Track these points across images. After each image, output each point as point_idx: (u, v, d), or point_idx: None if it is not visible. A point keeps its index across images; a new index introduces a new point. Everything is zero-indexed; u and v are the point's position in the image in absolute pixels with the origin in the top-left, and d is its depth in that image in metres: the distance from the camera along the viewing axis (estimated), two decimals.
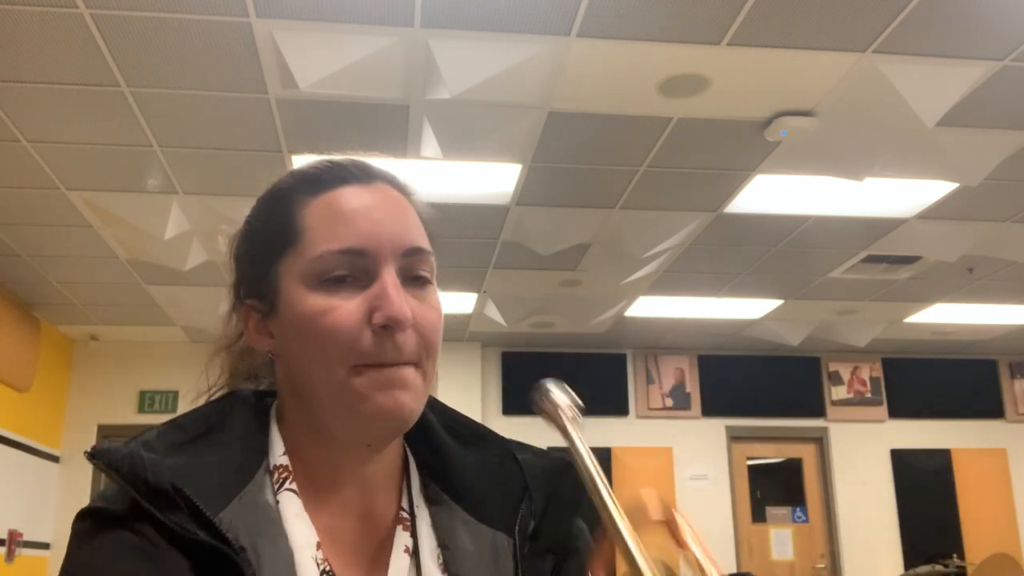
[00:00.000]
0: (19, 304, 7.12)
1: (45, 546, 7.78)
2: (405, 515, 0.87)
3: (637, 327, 8.24)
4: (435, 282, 0.88)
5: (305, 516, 0.82)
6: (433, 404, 0.94)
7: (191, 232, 5.65)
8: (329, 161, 0.91)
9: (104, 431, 8.23)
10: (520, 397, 8.66)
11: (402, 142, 4.56)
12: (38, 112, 4.27)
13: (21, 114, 4.29)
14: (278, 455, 0.84)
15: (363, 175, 0.88)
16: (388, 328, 0.80)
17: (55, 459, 8.00)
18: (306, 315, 0.81)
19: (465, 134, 4.42)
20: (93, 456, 0.79)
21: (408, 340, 0.81)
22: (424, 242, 0.86)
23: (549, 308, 7.58)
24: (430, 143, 4.45)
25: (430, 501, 0.89)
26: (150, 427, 0.83)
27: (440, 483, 0.90)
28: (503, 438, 0.95)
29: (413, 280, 0.84)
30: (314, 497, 0.83)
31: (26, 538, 7.32)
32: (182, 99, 4.17)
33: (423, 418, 0.90)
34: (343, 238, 0.82)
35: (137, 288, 6.88)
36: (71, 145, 4.60)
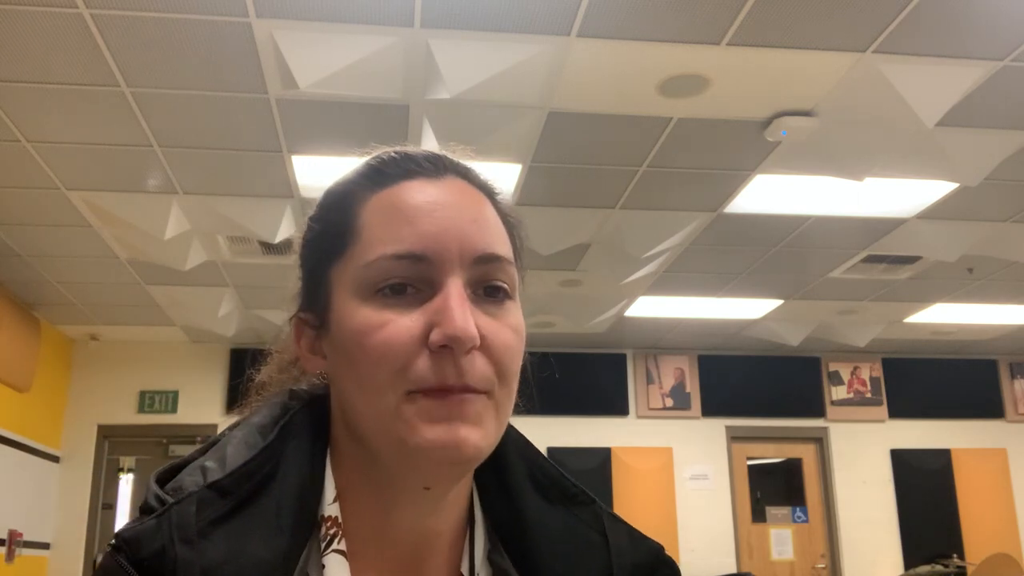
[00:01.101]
0: (19, 304, 7.12)
1: (45, 546, 7.79)
2: None
3: (637, 327, 8.24)
4: (517, 298, 0.74)
5: None
6: (521, 445, 0.82)
7: (191, 232, 5.65)
8: (398, 152, 0.78)
9: (104, 431, 8.24)
10: (520, 397, 8.64)
11: (402, 142, 4.54)
12: (38, 112, 4.27)
13: (21, 114, 4.29)
14: (328, 502, 0.73)
15: (433, 168, 0.76)
16: (447, 349, 0.67)
17: (55, 459, 8.00)
18: (355, 331, 0.69)
19: (465, 134, 4.42)
20: (117, 549, 0.67)
21: (475, 364, 0.68)
22: (501, 247, 0.73)
23: (549, 308, 7.58)
24: (430, 143, 4.44)
25: (496, 574, 0.76)
26: (184, 464, 0.74)
27: (511, 549, 0.77)
28: (594, 501, 0.82)
29: (487, 293, 0.71)
30: (362, 556, 0.73)
31: (26, 538, 7.32)
32: (182, 99, 4.17)
33: (504, 461, 0.79)
34: (402, 240, 0.70)
35: (137, 288, 6.88)
36: (71, 145, 4.60)
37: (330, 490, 0.74)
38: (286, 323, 0.81)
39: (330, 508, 0.73)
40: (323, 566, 0.71)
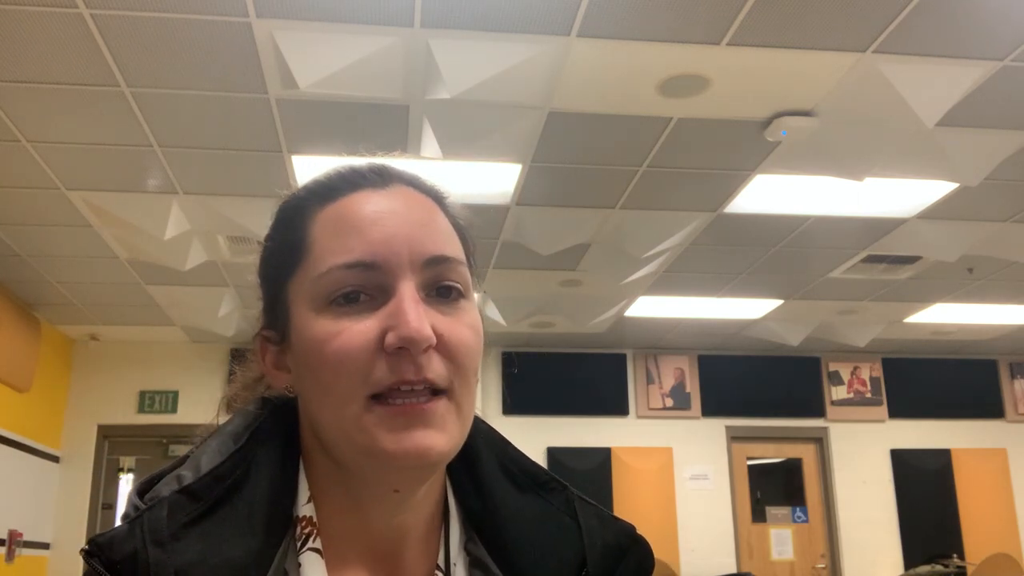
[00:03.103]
0: (19, 304, 7.12)
1: (45, 546, 7.79)
2: (440, 575, 0.77)
3: (637, 327, 8.24)
4: (472, 297, 0.76)
5: None
6: (490, 437, 0.83)
7: (191, 232, 5.65)
8: (345, 166, 0.79)
9: (104, 431, 8.24)
10: (520, 397, 8.66)
11: (402, 142, 4.56)
12: (38, 112, 4.27)
13: (21, 114, 4.29)
14: (302, 503, 0.75)
15: (379, 179, 0.77)
16: (404, 351, 0.69)
17: (55, 459, 8.00)
18: (313, 341, 0.71)
19: (465, 134, 4.42)
20: (90, 554, 0.69)
21: (432, 363, 0.70)
22: (451, 249, 0.75)
23: (549, 308, 7.58)
24: (430, 143, 4.45)
25: (473, 562, 0.78)
26: (163, 475, 0.75)
27: (486, 538, 0.78)
28: (565, 486, 0.84)
29: (440, 293, 0.73)
30: (338, 554, 0.75)
31: (26, 538, 7.33)
32: (182, 99, 4.17)
33: (475, 453, 0.80)
34: (351, 250, 0.72)
35: (137, 288, 6.88)
36: (71, 145, 4.60)
37: (303, 492, 0.76)
38: (251, 341, 0.83)
39: (304, 508, 0.75)
40: (299, 564, 0.72)
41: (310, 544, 0.73)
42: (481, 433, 0.83)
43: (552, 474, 0.84)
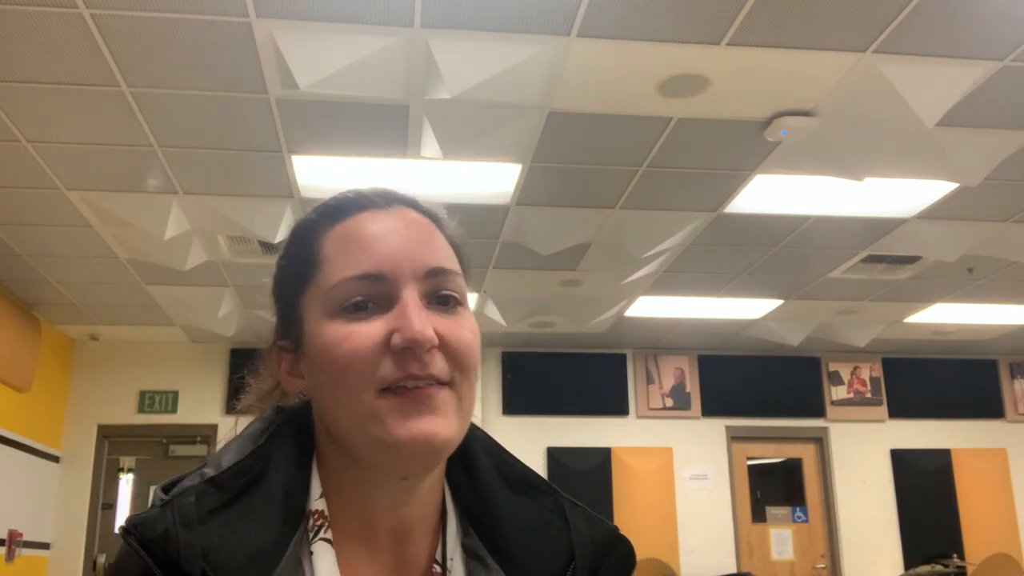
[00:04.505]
0: (19, 304, 7.12)
1: (45, 546, 7.79)
2: (438, 569, 0.83)
3: (637, 327, 8.24)
4: (467, 304, 0.83)
5: (337, 572, 0.79)
6: (487, 443, 0.91)
7: (191, 232, 5.65)
8: (351, 190, 0.87)
9: (104, 431, 8.24)
10: (520, 398, 8.66)
11: (402, 142, 4.56)
12: (38, 112, 4.27)
13: (21, 114, 4.29)
14: (315, 498, 0.82)
15: (382, 200, 0.85)
16: (409, 351, 0.76)
17: (55, 459, 8.00)
18: (325, 345, 0.78)
19: (465, 134, 4.42)
20: (127, 532, 0.77)
21: (435, 360, 0.77)
22: (448, 262, 0.82)
23: (549, 308, 7.58)
24: (430, 143, 4.45)
25: (469, 555, 0.84)
26: (193, 470, 0.81)
27: (482, 533, 0.85)
28: (555, 489, 0.91)
29: (440, 301, 0.81)
30: (347, 545, 0.81)
31: (26, 538, 7.32)
32: (182, 99, 4.17)
33: (472, 456, 0.88)
34: (359, 264, 0.79)
35: (137, 288, 6.88)
36: (71, 145, 4.60)
37: (316, 487, 0.83)
38: (264, 354, 0.91)
39: (317, 503, 0.82)
40: (311, 552, 0.79)
41: (321, 535, 0.80)
42: (478, 440, 0.90)
43: (543, 479, 0.91)
